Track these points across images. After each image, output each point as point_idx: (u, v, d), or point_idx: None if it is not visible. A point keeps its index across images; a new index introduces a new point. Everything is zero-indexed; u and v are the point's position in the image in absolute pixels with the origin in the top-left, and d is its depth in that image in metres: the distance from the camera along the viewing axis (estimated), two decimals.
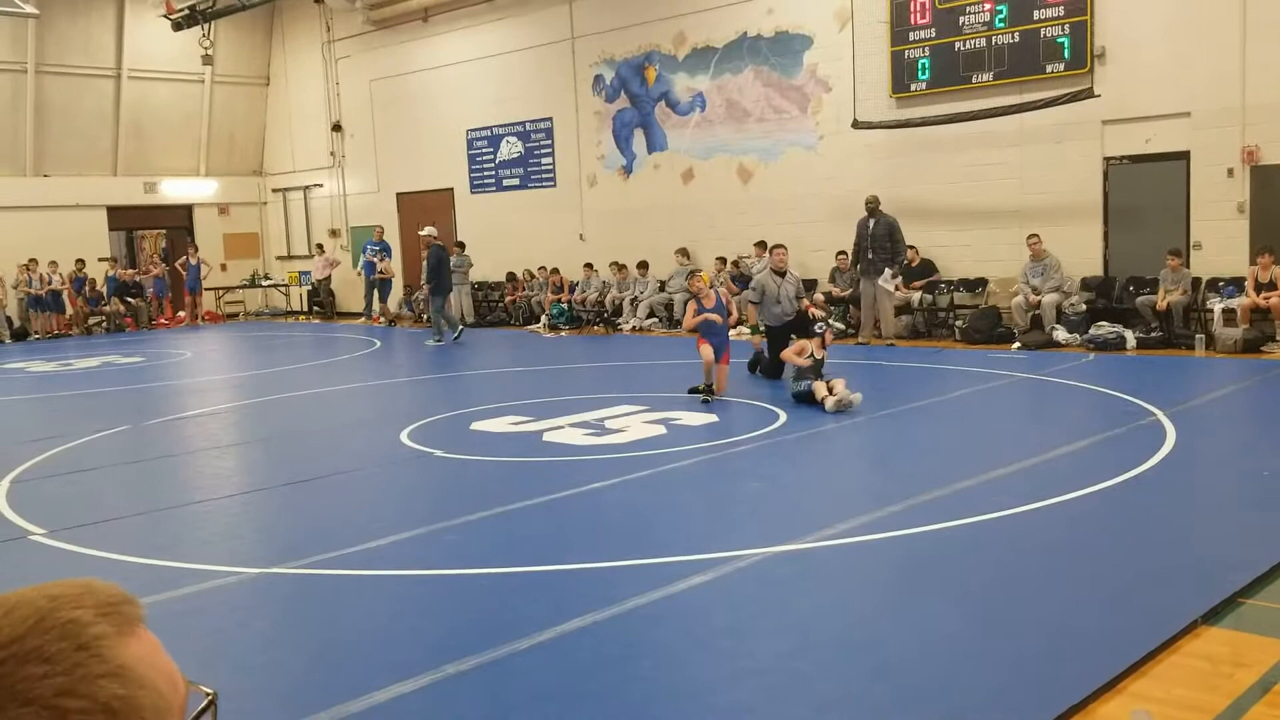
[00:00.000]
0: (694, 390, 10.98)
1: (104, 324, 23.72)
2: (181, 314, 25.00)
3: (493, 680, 4.31)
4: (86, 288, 23.47)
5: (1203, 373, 11.88)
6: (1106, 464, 7.53)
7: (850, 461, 8.62)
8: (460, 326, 18.43)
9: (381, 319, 22.83)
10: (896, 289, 15.30)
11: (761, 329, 12.84)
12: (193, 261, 24.81)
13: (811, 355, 10.51)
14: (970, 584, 5.27)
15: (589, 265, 20.15)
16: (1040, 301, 14.46)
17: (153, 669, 0.81)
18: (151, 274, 24.99)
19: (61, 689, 0.74)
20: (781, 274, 12.12)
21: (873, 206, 15.32)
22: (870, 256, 15.20)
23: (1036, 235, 14.66)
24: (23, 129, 23.08)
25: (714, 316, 11.02)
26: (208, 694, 0.88)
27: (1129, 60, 14.20)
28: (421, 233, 19.42)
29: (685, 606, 5.08)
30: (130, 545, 6.49)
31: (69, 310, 23.33)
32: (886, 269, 15.05)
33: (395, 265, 23.68)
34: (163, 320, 24.68)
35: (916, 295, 15.96)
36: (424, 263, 18.80)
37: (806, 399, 10.24)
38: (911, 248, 15.82)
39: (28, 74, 22.79)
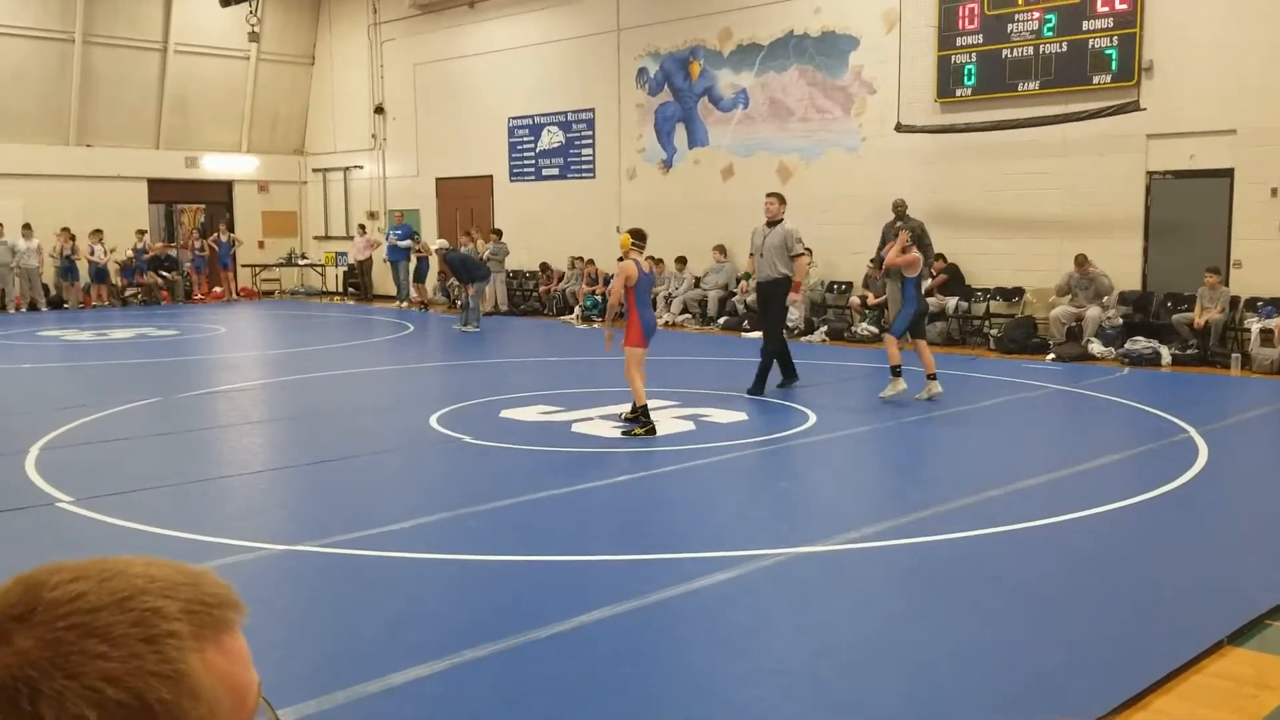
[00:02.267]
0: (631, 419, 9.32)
1: (139, 296, 23.94)
2: (218, 289, 25.21)
3: (510, 668, 4.32)
4: (130, 256, 23.70)
5: (1238, 392, 11.73)
6: (1137, 479, 7.45)
7: (878, 466, 8.57)
8: (478, 322, 18.34)
9: (409, 303, 22.93)
10: (925, 293, 15.20)
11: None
12: (223, 239, 25.02)
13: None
14: (994, 594, 5.23)
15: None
16: (1084, 315, 14.32)
17: (219, 682, 0.77)
18: (191, 249, 25.21)
19: (108, 675, 0.72)
20: (771, 224, 11.05)
21: (900, 210, 15.17)
22: None
23: (1083, 255, 14.47)
24: (68, 99, 23.31)
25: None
26: (273, 716, 0.84)
27: (1176, 75, 14.03)
28: (434, 248, 19.79)
29: (705, 603, 5.06)
30: (156, 516, 6.54)
31: (107, 282, 23.55)
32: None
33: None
34: (199, 295, 24.91)
35: (952, 302, 15.85)
36: (449, 271, 19.06)
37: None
38: (939, 255, 15.69)
39: (75, 44, 23.01)
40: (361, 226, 25.56)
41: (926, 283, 15.22)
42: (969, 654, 4.51)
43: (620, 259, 9.59)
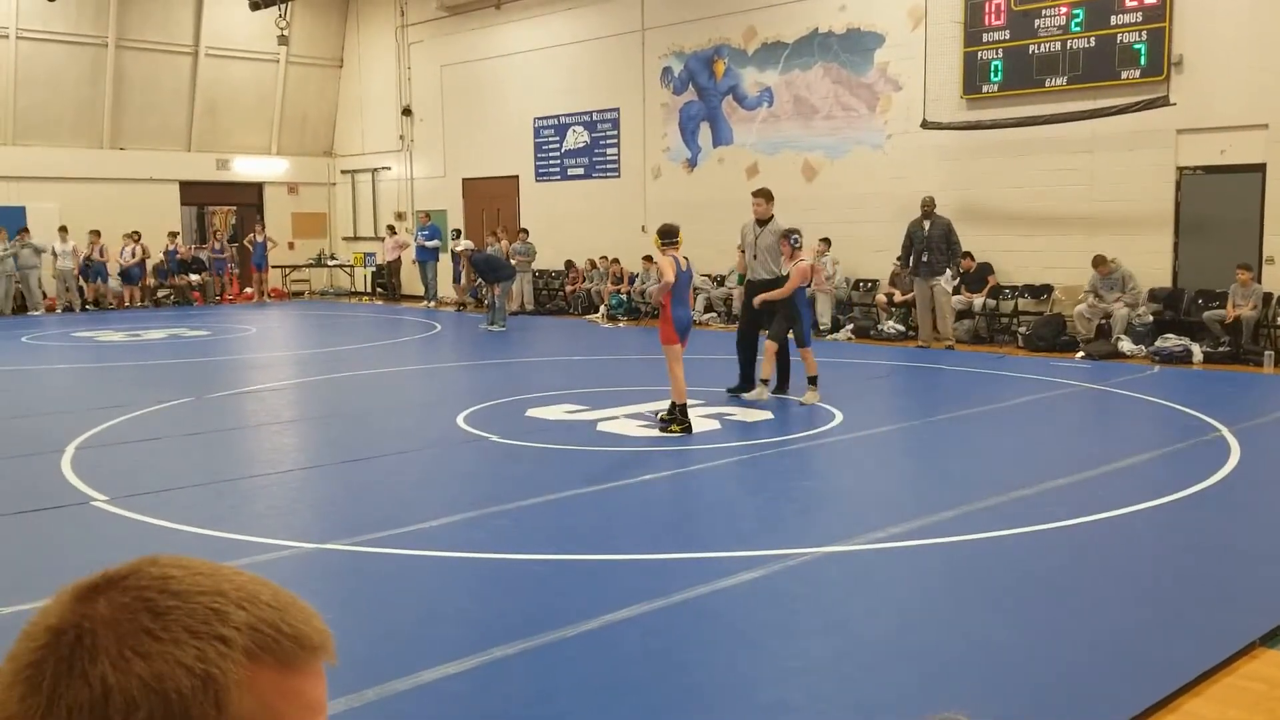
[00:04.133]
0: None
1: (171, 297, 24.18)
2: (249, 290, 25.42)
3: (538, 666, 4.35)
4: (167, 260, 23.95)
5: (1270, 390, 11.62)
6: (1168, 479, 7.40)
7: (905, 465, 8.54)
8: (504, 321, 18.41)
9: (437, 303, 23.07)
10: (954, 291, 15.07)
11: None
12: (258, 239, 25.23)
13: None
14: (1022, 594, 5.21)
15: (648, 258, 20.16)
16: (1111, 313, 14.23)
17: (259, 709, 0.76)
18: (211, 250, 25.43)
19: (143, 650, 0.73)
20: (762, 223, 10.82)
21: (928, 208, 15.08)
22: (926, 259, 14.95)
23: (1101, 256, 14.36)
24: (101, 102, 23.58)
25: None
26: None
27: (1206, 69, 13.90)
28: (458, 249, 19.89)
29: (732, 603, 5.08)
30: (189, 515, 6.62)
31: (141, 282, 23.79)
32: (947, 271, 14.80)
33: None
34: (228, 296, 25.12)
35: (979, 300, 15.79)
36: (474, 271, 19.17)
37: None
38: (967, 254, 15.62)
39: (108, 48, 23.28)
40: (390, 228, 25.72)
41: (955, 282, 15.14)
42: (995, 655, 4.51)
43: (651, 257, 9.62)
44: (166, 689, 0.73)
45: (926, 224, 15.05)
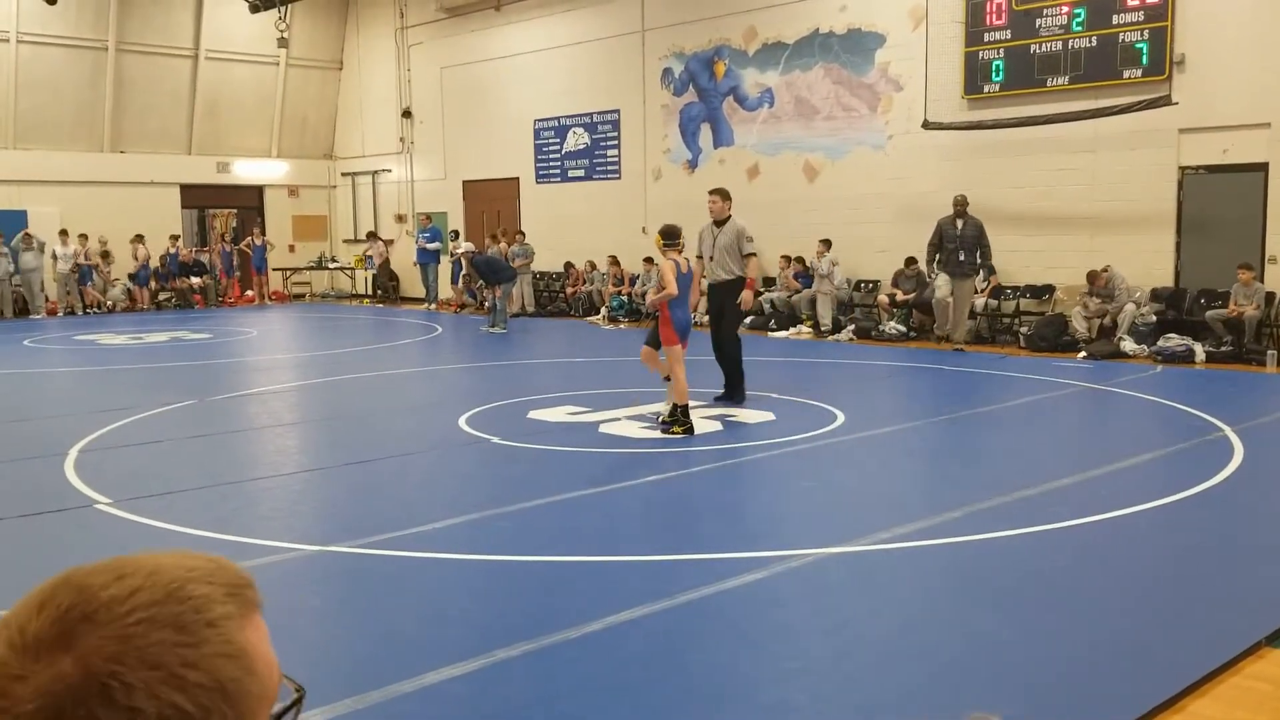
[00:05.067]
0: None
1: (173, 300, 24.19)
2: (250, 293, 25.44)
3: (542, 667, 4.34)
4: (166, 264, 23.95)
5: (1273, 389, 11.61)
6: (1171, 478, 7.39)
7: (908, 465, 8.53)
8: (505, 323, 18.41)
9: (438, 305, 23.07)
10: (981, 292, 14.79)
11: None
12: (257, 243, 25.26)
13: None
14: (1026, 595, 5.20)
15: (648, 259, 20.16)
16: (1106, 312, 14.21)
17: (262, 658, 0.83)
18: (220, 253, 25.46)
19: (188, 660, 0.76)
20: (719, 223, 10.52)
21: (961, 207, 14.77)
22: (962, 259, 14.64)
23: (1094, 271, 14.35)
24: (101, 106, 23.59)
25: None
26: (296, 689, 0.89)
27: (1208, 68, 13.89)
28: (459, 251, 19.92)
29: (735, 604, 5.07)
30: (192, 518, 6.62)
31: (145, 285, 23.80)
32: (979, 273, 14.49)
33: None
34: (230, 299, 25.13)
35: (981, 301, 15.78)
36: (476, 273, 19.17)
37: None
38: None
39: (108, 52, 23.29)
40: (370, 233, 25.80)
41: (984, 285, 14.86)
42: (999, 655, 4.49)
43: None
44: (222, 681, 0.78)
45: (960, 223, 14.71)
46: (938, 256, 14.98)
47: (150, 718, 0.73)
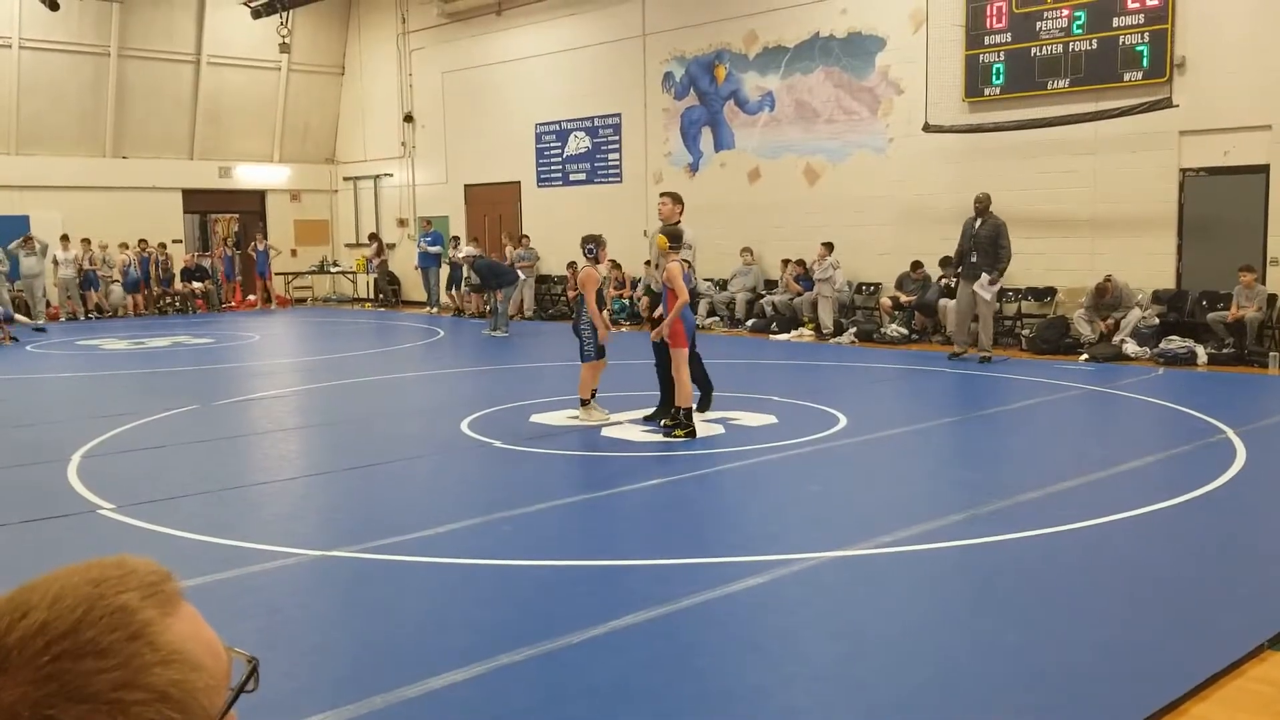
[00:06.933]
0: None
1: (176, 304, 24.22)
2: (252, 298, 25.47)
3: (546, 672, 4.34)
4: (157, 269, 23.95)
5: (1276, 391, 11.60)
6: (1174, 481, 7.39)
7: (911, 469, 8.53)
8: (506, 327, 18.45)
9: (439, 309, 23.09)
10: (993, 297, 14.16)
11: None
12: (260, 248, 25.31)
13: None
14: (1029, 598, 5.20)
15: (648, 263, 20.16)
16: (1108, 317, 14.21)
17: (199, 646, 0.80)
18: (222, 258, 25.49)
19: (119, 682, 0.73)
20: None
21: (981, 206, 14.03)
22: (974, 260, 13.96)
23: (1102, 285, 14.24)
24: (103, 111, 23.63)
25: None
26: (249, 660, 0.86)
27: (1209, 70, 13.90)
28: (460, 255, 19.94)
29: (738, 608, 5.07)
30: (195, 523, 6.63)
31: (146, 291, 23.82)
32: (985, 274, 13.83)
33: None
34: (233, 303, 25.16)
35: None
36: (478, 277, 19.23)
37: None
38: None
39: (110, 57, 23.33)
40: (371, 235, 25.85)
41: (995, 288, 14.49)
42: (1003, 658, 4.50)
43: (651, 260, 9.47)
44: (164, 689, 0.75)
45: (978, 223, 14.05)
46: (956, 259, 14.53)
47: None
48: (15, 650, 0.74)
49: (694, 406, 9.29)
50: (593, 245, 10.02)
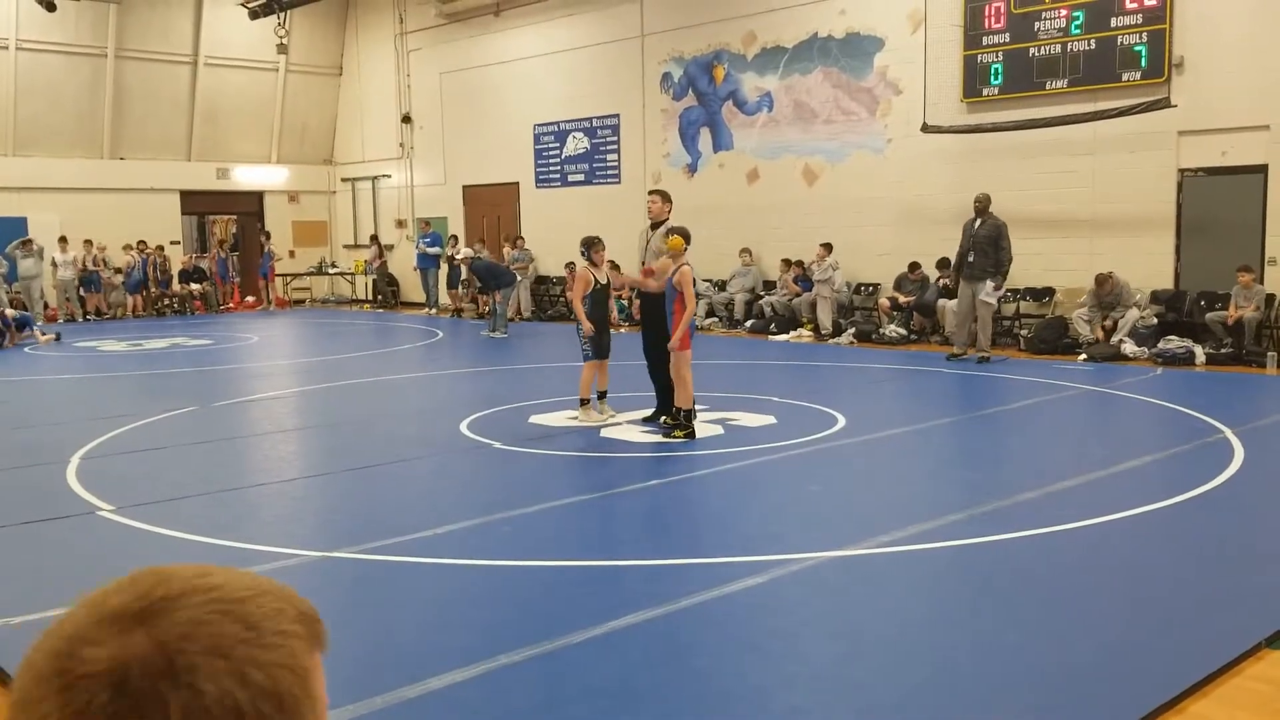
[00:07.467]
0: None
1: (174, 306, 24.22)
2: (250, 299, 25.48)
3: (546, 672, 4.35)
4: (155, 270, 23.96)
5: (1274, 391, 11.62)
6: (1172, 481, 7.40)
7: (910, 469, 8.54)
8: (505, 327, 18.48)
9: (438, 309, 23.10)
10: (995, 300, 14.04)
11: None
12: (267, 249, 25.34)
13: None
14: (1027, 597, 5.21)
15: (644, 263, 20.14)
16: (1107, 315, 14.23)
17: (319, 689, 0.84)
18: (216, 259, 25.51)
19: (253, 659, 0.77)
20: (655, 225, 9.90)
21: (981, 206, 13.93)
22: (971, 260, 13.84)
23: (1102, 275, 14.23)
24: (101, 112, 23.62)
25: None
26: None
27: (1207, 70, 13.91)
28: (458, 257, 19.95)
29: (738, 608, 5.08)
30: (195, 524, 6.63)
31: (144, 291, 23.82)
32: (989, 279, 13.68)
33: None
34: (231, 304, 25.16)
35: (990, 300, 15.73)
36: (476, 278, 19.27)
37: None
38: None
39: (108, 59, 23.32)
40: (372, 237, 25.89)
41: (998, 292, 14.40)
42: (1003, 658, 4.51)
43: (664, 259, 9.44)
44: (281, 692, 0.78)
45: (978, 223, 13.94)
46: (956, 260, 14.43)
47: (210, 701, 0.74)
48: (185, 593, 0.79)
49: (694, 408, 9.30)
50: (585, 247, 10.09)
